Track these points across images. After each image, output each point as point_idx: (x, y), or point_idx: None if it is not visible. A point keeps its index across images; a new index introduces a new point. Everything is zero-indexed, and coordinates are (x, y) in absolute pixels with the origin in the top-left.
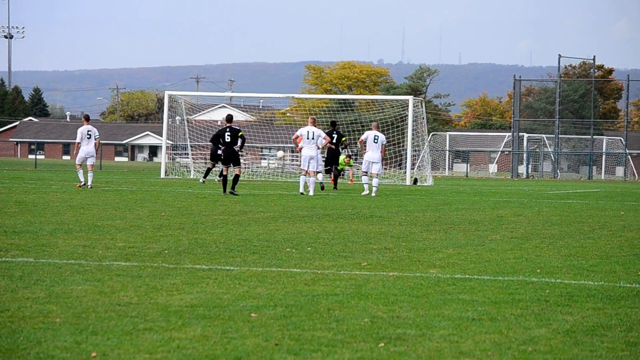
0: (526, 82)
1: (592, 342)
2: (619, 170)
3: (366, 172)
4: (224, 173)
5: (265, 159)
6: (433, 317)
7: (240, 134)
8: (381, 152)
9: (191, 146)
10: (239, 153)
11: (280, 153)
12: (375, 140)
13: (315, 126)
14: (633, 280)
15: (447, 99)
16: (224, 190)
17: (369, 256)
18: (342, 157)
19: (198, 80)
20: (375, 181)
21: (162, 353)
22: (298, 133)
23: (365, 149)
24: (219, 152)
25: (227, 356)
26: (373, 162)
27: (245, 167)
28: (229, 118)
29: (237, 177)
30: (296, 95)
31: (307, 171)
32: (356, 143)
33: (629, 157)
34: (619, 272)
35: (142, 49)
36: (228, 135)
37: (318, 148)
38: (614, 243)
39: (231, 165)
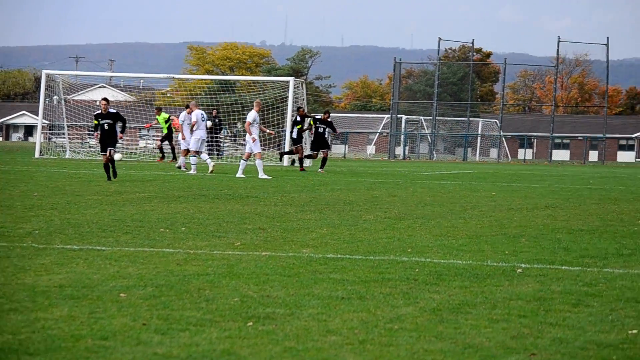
0: (406, 64)
1: (456, 320)
2: (493, 152)
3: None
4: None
5: (143, 139)
6: (303, 296)
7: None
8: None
9: (68, 126)
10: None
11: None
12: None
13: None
14: (499, 259)
15: (328, 81)
16: (110, 177)
17: (243, 236)
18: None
19: (77, 59)
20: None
21: (26, 334)
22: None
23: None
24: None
25: (92, 336)
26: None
27: (122, 148)
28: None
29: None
30: (177, 76)
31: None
32: (236, 124)
33: (503, 139)
34: (487, 251)
35: (21, 27)
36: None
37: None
38: (484, 223)
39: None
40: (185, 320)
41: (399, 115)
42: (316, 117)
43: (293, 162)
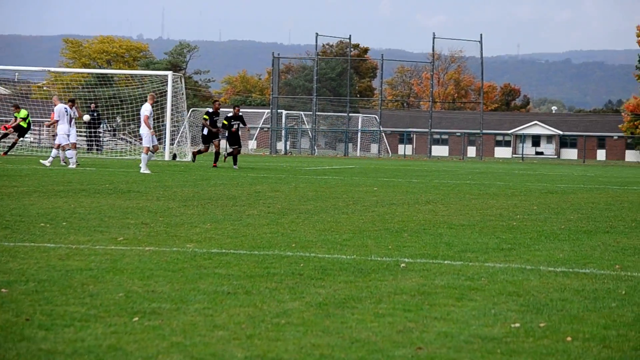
0: (285, 59)
1: (343, 314)
2: (374, 147)
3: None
4: None
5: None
6: (188, 291)
7: None
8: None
9: None
10: None
11: (86, 117)
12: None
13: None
14: (383, 254)
15: (207, 75)
16: None
17: (126, 231)
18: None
19: None
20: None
21: None
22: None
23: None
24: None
25: None
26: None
27: None
28: None
29: None
30: (52, 69)
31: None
32: (115, 118)
33: (383, 134)
34: (371, 246)
35: None
36: None
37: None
38: (367, 218)
39: None
40: (69, 315)
41: (279, 110)
42: (228, 114)
43: (174, 156)
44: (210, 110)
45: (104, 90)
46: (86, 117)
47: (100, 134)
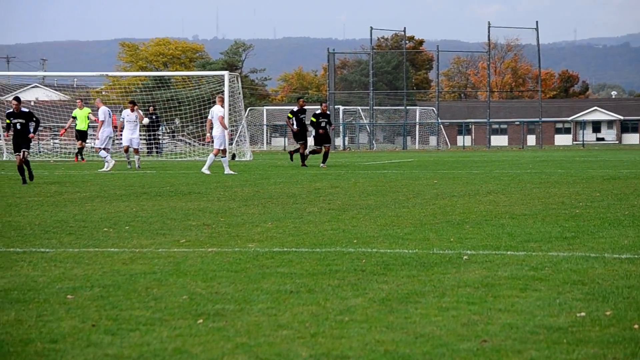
0: (340, 54)
1: (406, 309)
2: (433, 140)
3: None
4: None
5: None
6: (251, 291)
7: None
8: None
9: (3, 127)
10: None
11: (146, 120)
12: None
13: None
14: (446, 247)
15: (263, 74)
16: (25, 180)
17: (188, 233)
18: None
19: (8, 60)
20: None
21: None
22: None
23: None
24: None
25: (42, 339)
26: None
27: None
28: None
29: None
30: (110, 74)
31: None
32: (174, 120)
33: (441, 126)
34: (432, 239)
35: None
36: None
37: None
38: (428, 211)
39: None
40: (134, 320)
41: (336, 106)
42: (316, 112)
43: (234, 156)
44: (295, 108)
45: (161, 92)
46: (145, 120)
47: (160, 137)
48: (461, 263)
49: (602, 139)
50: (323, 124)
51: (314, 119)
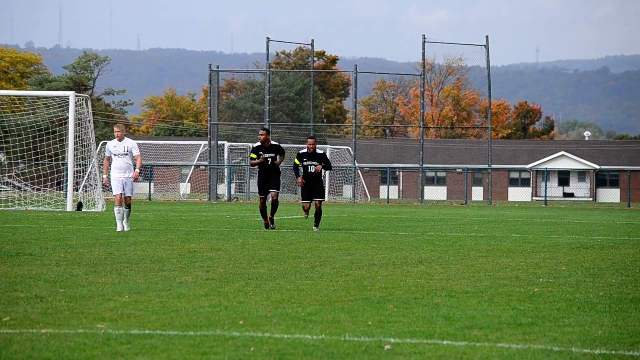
0: (226, 74)
1: None
2: (347, 190)
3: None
4: None
5: None
6: None
7: None
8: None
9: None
10: None
11: None
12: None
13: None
14: (361, 333)
15: (122, 96)
16: None
17: (14, 308)
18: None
19: None
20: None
21: None
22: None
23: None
24: None
25: None
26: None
27: None
28: None
29: None
30: None
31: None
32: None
33: (359, 172)
34: (344, 322)
35: None
36: None
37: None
38: (339, 284)
39: None
40: None
41: (220, 142)
42: (300, 151)
43: (80, 205)
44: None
45: None
46: None
47: None
48: (382, 355)
49: (571, 195)
50: (311, 169)
51: (297, 161)
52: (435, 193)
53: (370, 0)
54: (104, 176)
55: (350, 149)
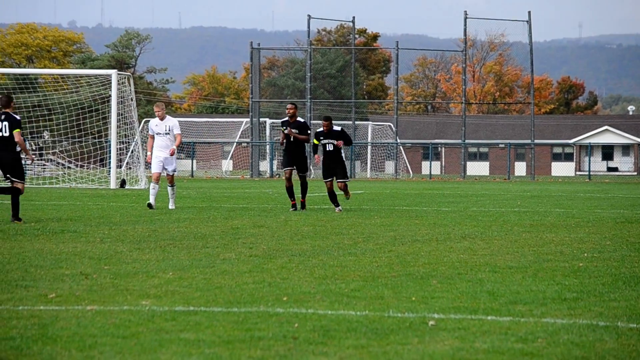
0: (267, 51)
1: None
2: (389, 166)
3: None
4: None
5: None
6: None
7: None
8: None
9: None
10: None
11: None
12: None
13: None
14: (405, 308)
15: (164, 74)
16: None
17: (59, 285)
18: None
19: None
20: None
21: None
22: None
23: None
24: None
25: None
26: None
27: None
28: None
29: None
30: None
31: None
32: (42, 134)
33: (401, 148)
34: (388, 298)
35: None
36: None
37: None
38: (382, 260)
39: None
40: None
41: (262, 119)
42: (317, 130)
43: (123, 182)
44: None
45: (25, 96)
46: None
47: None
48: (426, 330)
49: (615, 169)
50: (330, 147)
51: (315, 141)
52: (477, 169)
53: None
54: (149, 153)
55: (392, 125)
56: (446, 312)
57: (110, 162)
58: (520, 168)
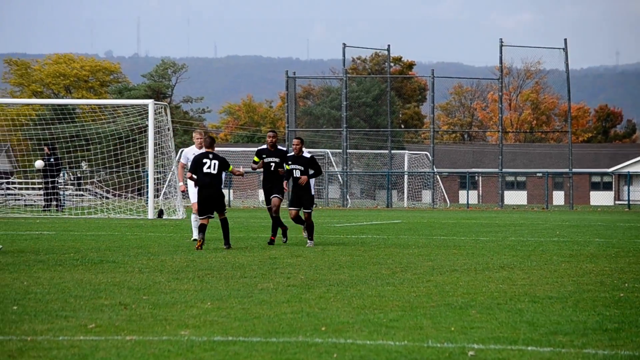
0: (303, 80)
1: None
2: (426, 195)
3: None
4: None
5: None
6: None
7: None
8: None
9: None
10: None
11: (39, 163)
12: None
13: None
14: (444, 339)
15: (200, 104)
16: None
17: (98, 315)
18: None
19: None
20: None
21: None
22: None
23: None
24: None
25: None
26: None
27: None
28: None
29: None
30: None
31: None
32: (79, 164)
33: (438, 177)
34: (427, 328)
35: None
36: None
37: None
38: (420, 290)
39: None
40: None
41: None
42: (287, 153)
43: (161, 212)
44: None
45: (63, 127)
46: (39, 164)
47: (60, 186)
48: None
49: None
50: (296, 174)
51: (287, 166)
52: (515, 198)
53: (454, 4)
54: (180, 183)
55: (428, 154)
56: (486, 343)
57: (147, 192)
58: (558, 197)
